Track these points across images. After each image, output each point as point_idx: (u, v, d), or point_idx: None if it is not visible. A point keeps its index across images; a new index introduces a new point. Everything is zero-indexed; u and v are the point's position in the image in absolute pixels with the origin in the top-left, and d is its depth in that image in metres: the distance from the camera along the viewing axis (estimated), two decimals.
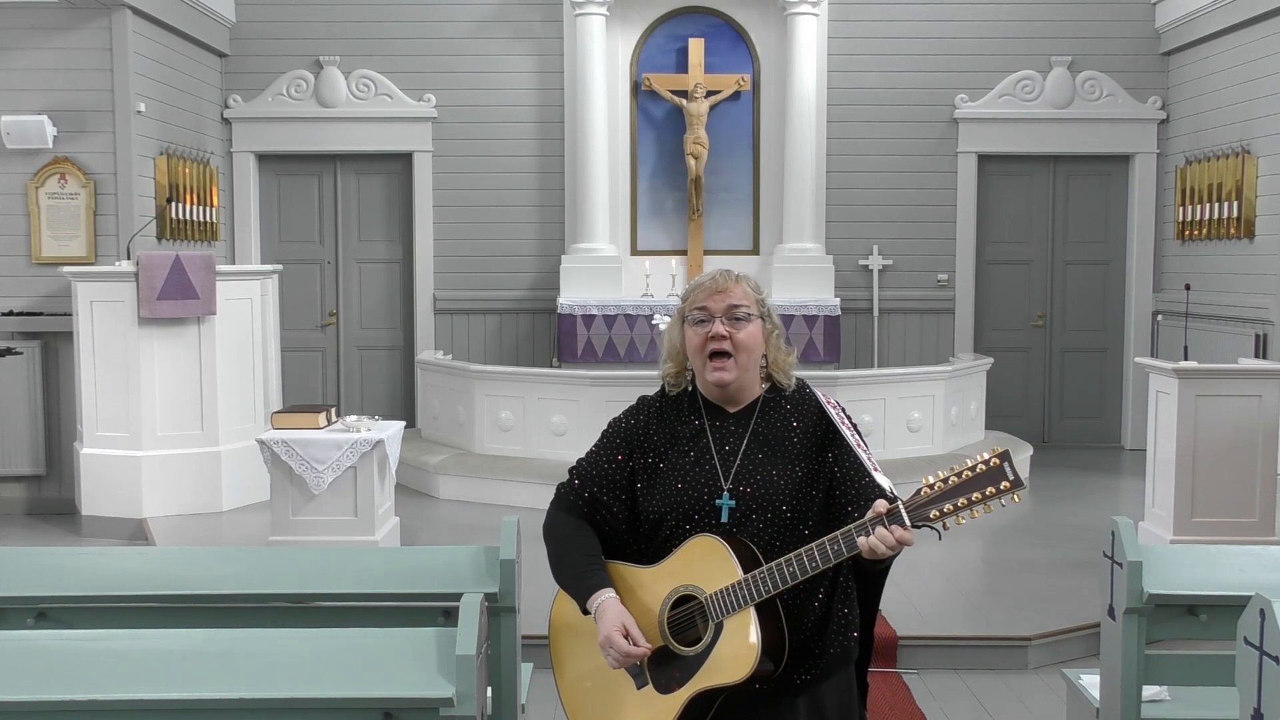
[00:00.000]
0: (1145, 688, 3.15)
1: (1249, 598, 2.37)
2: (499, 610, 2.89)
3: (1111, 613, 3.13)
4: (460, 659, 2.29)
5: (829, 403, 2.56)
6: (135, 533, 6.92)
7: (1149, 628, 3.06)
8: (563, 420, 7.68)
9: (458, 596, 2.47)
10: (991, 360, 8.89)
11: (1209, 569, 3.10)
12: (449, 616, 2.87)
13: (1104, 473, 8.79)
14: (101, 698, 2.25)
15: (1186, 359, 6.62)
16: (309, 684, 2.29)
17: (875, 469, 2.44)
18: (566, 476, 2.71)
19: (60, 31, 7.66)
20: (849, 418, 2.57)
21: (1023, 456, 8.44)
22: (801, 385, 2.64)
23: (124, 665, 2.33)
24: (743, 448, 2.55)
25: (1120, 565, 3.07)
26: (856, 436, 2.50)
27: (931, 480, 2.29)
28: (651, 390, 2.72)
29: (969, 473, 2.26)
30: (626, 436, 2.64)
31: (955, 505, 2.25)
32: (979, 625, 5.32)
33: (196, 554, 3.09)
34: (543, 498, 2.75)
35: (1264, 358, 7.80)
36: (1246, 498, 5.97)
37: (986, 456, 2.26)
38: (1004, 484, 2.23)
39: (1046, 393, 10.03)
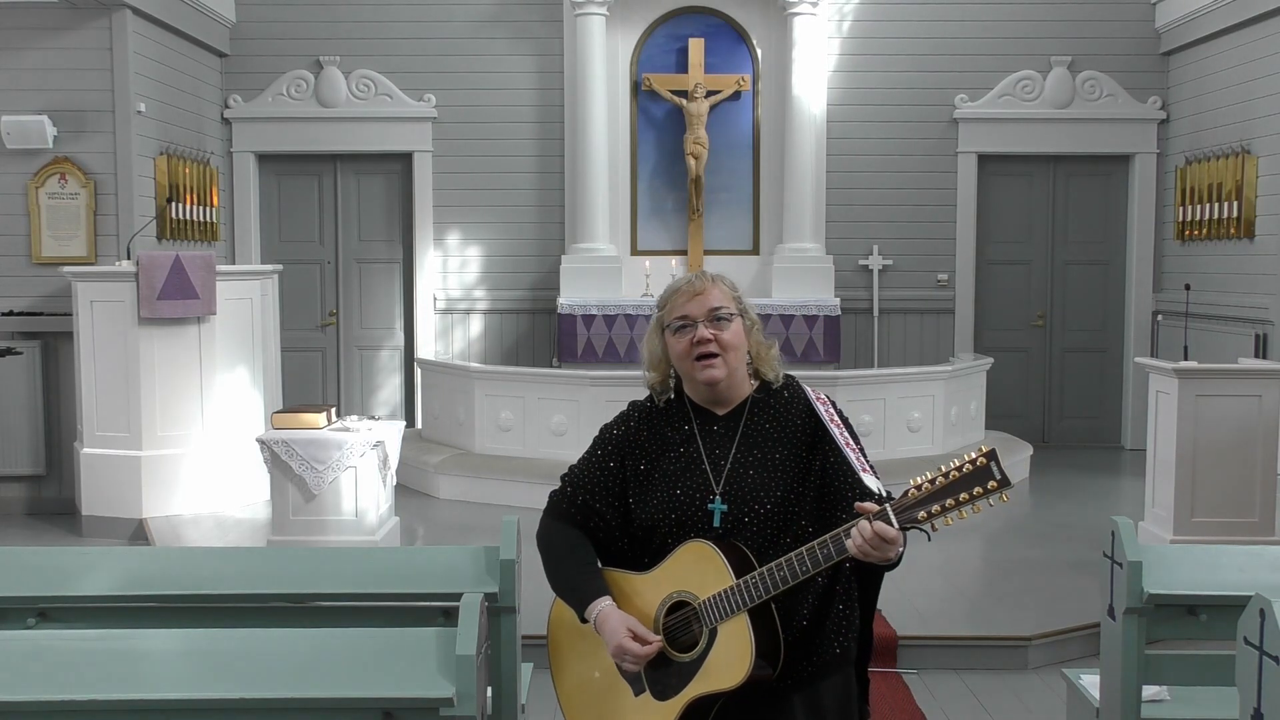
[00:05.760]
0: (1145, 688, 3.14)
1: (1249, 598, 2.37)
2: (499, 610, 2.89)
3: (1111, 613, 3.12)
4: (460, 659, 2.29)
5: (819, 399, 2.53)
6: (135, 533, 6.92)
7: (1149, 628, 3.06)
8: (563, 420, 7.68)
9: (458, 596, 2.47)
10: (991, 360, 8.89)
11: (1209, 569, 3.09)
12: (449, 616, 2.87)
13: (1104, 473, 8.78)
14: (101, 698, 2.25)
15: (1186, 359, 6.61)
16: (309, 684, 2.29)
17: (864, 469, 2.40)
18: (559, 484, 2.70)
19: (60, 31, 7.66)
20: (840, 414, 2.53)
21: (1023, 456, 8.44)
22: (790, 383, 2.60)
23: (124, 665, 2.33)
24: (733, 451, 2.52)
25: (1120, 565, 3.07)
26: (847, 435, 2.47)
27: (919, 481, 2.26)
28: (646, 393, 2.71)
29: (956, 473, 2.23)
30: (618, 443, 2.62)
31: (943, 506, 2.22)
32: (979, 625, 5.33)
33: (196, 554, 3.09)
34: (543, 498, 2.75)
35: (1264, 358, 7.80)
36: (1246, 498, 5.97)
37: (973, 456, 2.23)
38: (991, 484, 2.20)
39: (1046, 393, 10.02)
